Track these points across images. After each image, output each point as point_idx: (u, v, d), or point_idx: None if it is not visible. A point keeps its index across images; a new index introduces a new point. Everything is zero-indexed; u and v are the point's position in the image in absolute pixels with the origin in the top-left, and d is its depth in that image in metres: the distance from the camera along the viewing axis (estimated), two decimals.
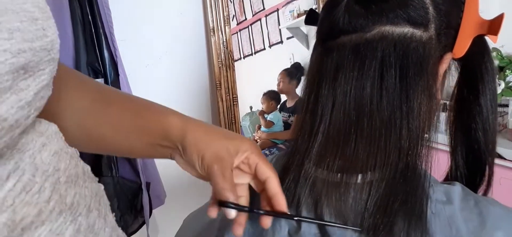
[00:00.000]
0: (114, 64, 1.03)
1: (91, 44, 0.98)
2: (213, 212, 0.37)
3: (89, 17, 0.97)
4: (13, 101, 0.21)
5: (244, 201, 0.40)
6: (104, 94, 0.42)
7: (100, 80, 0.99)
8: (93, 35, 0.98)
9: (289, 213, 0.38)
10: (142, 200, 1.08)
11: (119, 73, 1.03)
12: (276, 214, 0.37)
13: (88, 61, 0.97)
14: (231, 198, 0.35)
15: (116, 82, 1.03)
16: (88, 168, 0.34)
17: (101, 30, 0.98)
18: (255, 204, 0.40)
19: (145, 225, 1.11)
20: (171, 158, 0.41)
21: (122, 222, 1.03)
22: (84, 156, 0.33)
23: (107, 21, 1.00)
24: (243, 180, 0.40)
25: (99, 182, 0.34)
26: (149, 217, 1.11)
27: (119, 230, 0.37)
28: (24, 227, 0.23)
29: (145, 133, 0.40)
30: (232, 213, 0.35)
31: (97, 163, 0.98)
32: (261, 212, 0.37)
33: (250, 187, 0.41)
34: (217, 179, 0.36)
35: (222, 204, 0.35)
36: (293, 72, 1.42)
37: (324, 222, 0.38)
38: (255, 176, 0.39)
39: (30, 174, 0.24)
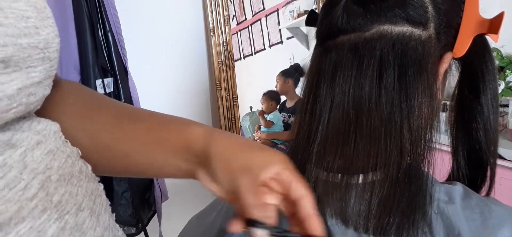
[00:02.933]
0: (122, 63, 1.04)
1: (99, 43, 0.98)
2: (236, 228, 0.33)
3: (97, 17, 0.97)
4: None
5: (271, 223, 0.34)
6: (121, 110, 0.40)
7: (110, 80, 1.00)
8: (101, 35, 0.98)
9: None
10: (154, 193, 1.10)
11: (128, 72, 1.05)
12: None
13: (97, 61, 0.98)
14: (260, 216, 0.31)
15: (125, 81, 1.04)
16: (87, 167, 0.33)
17: (109, 33, 0.99)
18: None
19: (151, 218, 1.15)
20: (195, 177, 0.37)
21: (137, 216, 1.05)
22: None
23: (114, 21, 1.01)
24: (271, 201, 0.34)
25: (113, 178, 0.34)
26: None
27: (118, 231, 0.36)
28: (1, 223, 0.23)
29: (165, 147, 0.36)
30: (259, 233, 0.31)
31: None
32: (297, 236, 0.33)
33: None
34: (245, 194, 0.32)
35: (250, 223, 0.31)
36: (289, 71, 1.42)
37: None
38: (285, 197, 0.34)
39: (17, 171, 0.25)
